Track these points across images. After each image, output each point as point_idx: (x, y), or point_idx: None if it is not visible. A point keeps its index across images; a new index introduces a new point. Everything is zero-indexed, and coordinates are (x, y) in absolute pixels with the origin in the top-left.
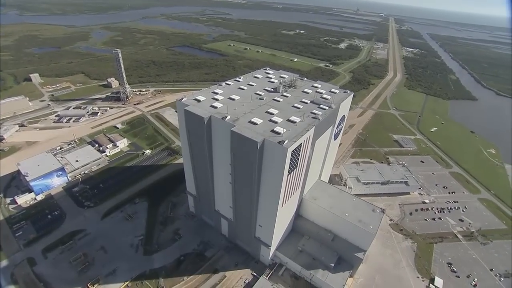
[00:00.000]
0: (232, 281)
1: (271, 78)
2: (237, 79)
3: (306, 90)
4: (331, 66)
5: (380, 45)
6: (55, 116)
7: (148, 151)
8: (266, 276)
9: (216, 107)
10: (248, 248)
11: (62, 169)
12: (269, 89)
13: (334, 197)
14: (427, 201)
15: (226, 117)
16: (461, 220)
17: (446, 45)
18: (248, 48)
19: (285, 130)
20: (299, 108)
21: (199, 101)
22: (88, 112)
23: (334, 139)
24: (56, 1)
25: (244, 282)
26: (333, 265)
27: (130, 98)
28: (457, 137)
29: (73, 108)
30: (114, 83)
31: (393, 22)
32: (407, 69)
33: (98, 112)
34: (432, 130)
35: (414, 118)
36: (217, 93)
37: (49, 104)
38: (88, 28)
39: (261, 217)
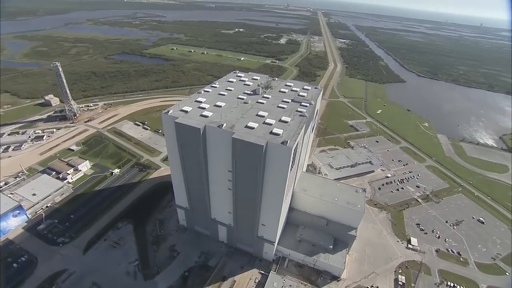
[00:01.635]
0: (243, 284)
1: (245, 81)
2: (213, 85)
3: (282, 90)
4: (277, 62)
5: (316, 38)
6: None
7: (116, 171)
8: (274, 271)
9: (207, 116)
10: (250, 248)
11: (19, 207)
12: (248, 92)
13: (320, 185)
14: (389, 175)
15: (222, 125)
16: (418, 187)
17: (370, 34)
18: (192, 51)
19: (282, 130)
20: (284, 108)
21: (186, 112)
22: (29, 136)
23: (311, 132)
24: None
25: (255, 282)
26: (331, 247)
27: (78, 115)
28: (398, 116)
29: (8, 135)
30: (54, 100)
31: (321, 16)
32: (344, 59)
33: (44, 136)
34: (378, 112)
35: (361, 103)
36: (201, 102)
37: None
38: None
39: (264, 216)
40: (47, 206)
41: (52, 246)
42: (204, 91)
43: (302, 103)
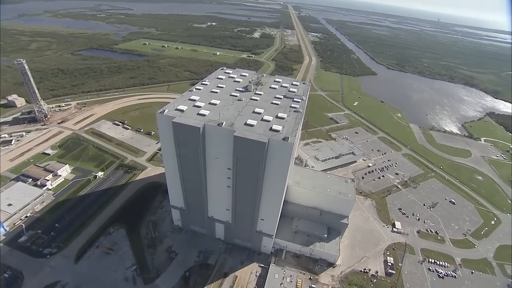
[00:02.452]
0: (245, 279)
1: (234, 77)
2: (204, 82)
3: (272, 86)
4: (253, 56)
5: (289, 32)
6: None
7: (100, 174)
8: (274, 263)
9: (204, 115)
10: (248, 243)
11: None
12: (240, 89)
13: (311, 178)
14: (370, 164)
15: (222, 123)
16: (397, 174)
17: (341, 28)
18: (166, 46)
19: (281, 127)
20: (278, 104)
21: (182, 111)
22: None
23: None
24: None
25: (256, 275)
26: (326, 236)
27: (49, 116)
28: (373, 108)
29: None
30: (19, 101)
31: (292, 9)
32: (318, 52)
33: (12, 140)
34: (354, 104)
35: (338, 96)
36: (195, 100)
37: None
38: None
39: (263, 211)
40: (26, 216)
41: (38, 259)
42: (196, 88)
43: (295, 99)
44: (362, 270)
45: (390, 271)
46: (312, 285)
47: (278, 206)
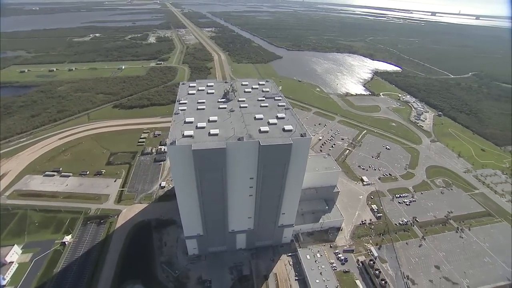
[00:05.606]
0: (283, 272)
1: (204, 90)
2: (182, 101)
3: (246, 90)
4: (162, 63)
5: (183, 31)
6: None
7: (68, 238)
8: (299, 248)
9: (217, 134)
10: (269, 241)
11: None
12: (221, 100)
13: None
14: (320, 138)
15: (242, 137)
16: (342, 139)
17: (229, 19)
18: (55, 69)
19: (291, 125)
20: (266, 106)
21: (191, 136)
22: None
23: None
24: None
25: (290, 265)
26: (327, 207)
27: None
28: (295, 88)
29: None
30: None
31: (172, 7)
32: (221, 47)
33: None
34: (279, 88)
35: None
36: (192, 122)
37: None
38: None
39: (285, 205)
40: None
41: None
42: (180, 110)
43: (275, 98)
44: (361, 222)
45: (378, 215)
46: (335, 251)
47: (298, 196)
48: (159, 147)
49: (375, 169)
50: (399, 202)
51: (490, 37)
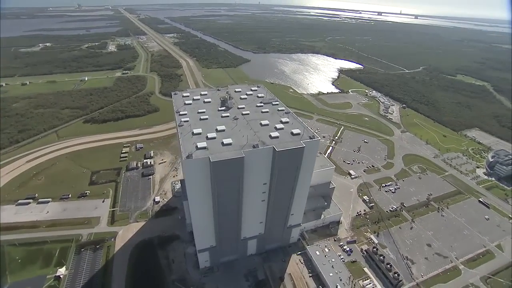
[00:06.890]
0: (297, 271)
1: (198, 98)
2: (182, 113)
3: (242, 97)
4: (129, 72)
5: (144, 38)
6: None
7: (62, 270)
8: (307, 246)
9: (230, 143)
10: (278, 243)
11: None
12: (221, 108)
13: None
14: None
15: (257, 144)
16: (324, 136)
17: (189, 24)
18: (3, 84)
19: (298, 129)
20: (267, 111)
21: (205, 148)
22: None
23: None
24: None
25: (301, 263)
26: (326, 203)
27: None
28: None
29: None
30: None
31: (127, 13)
32: (187, 53)
33: None
34: None
35: None
36: (200, 133)
37: None
38: None
39: (294, 206)
40: None
41: None
42: (184, 121)
43: (273, 103)
44: (357, 214)
45: (370, 205)
46: (340, 244)
47: (306, 196)
48: (144, 160)
49: (359, 163)
50: (385, 191)
51: (430, 35)
